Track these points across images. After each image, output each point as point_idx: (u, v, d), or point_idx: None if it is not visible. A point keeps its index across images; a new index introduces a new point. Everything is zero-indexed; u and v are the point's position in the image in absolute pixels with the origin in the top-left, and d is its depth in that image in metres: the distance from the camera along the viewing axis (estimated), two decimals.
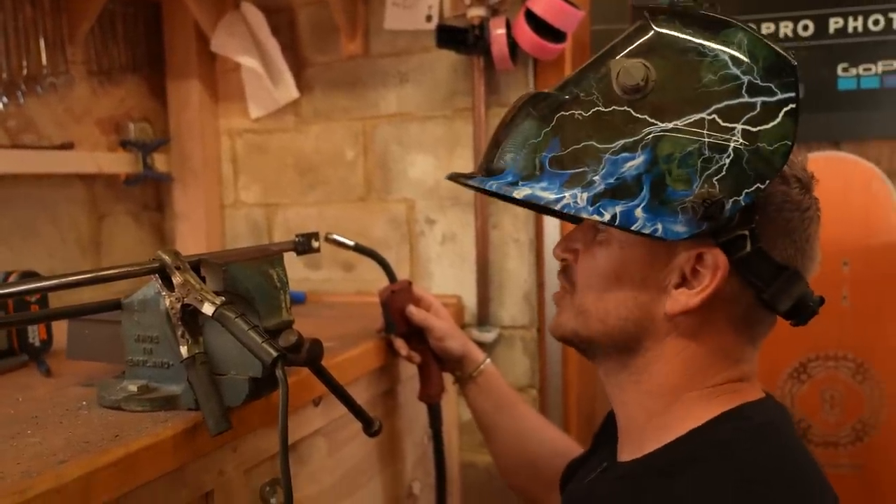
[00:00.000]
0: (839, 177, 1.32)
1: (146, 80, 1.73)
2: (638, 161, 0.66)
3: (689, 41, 0.68)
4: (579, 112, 0.70)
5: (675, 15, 0.70)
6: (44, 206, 1.51)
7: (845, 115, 1.37)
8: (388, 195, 1.64)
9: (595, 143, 0.68)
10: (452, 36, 1.42)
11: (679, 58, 0.68)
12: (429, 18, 1.52)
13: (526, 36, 1.37)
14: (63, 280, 0.69)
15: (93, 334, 0.90)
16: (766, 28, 1.39)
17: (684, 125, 0.66)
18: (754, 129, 0.65)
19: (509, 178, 0.72)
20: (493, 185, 0.72)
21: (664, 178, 0.65)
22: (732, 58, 0.67)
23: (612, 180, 0.67)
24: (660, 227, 0.65)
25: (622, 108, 0.68)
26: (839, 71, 1.36)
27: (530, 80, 1.49)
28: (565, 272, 0.81)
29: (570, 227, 1.40)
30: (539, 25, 1.36)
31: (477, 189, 0.76)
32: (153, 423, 0.74)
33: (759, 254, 0.68)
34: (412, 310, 1.11)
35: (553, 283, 1.50)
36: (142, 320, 0.80)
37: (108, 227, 1.66)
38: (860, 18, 1.34)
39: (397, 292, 1.11)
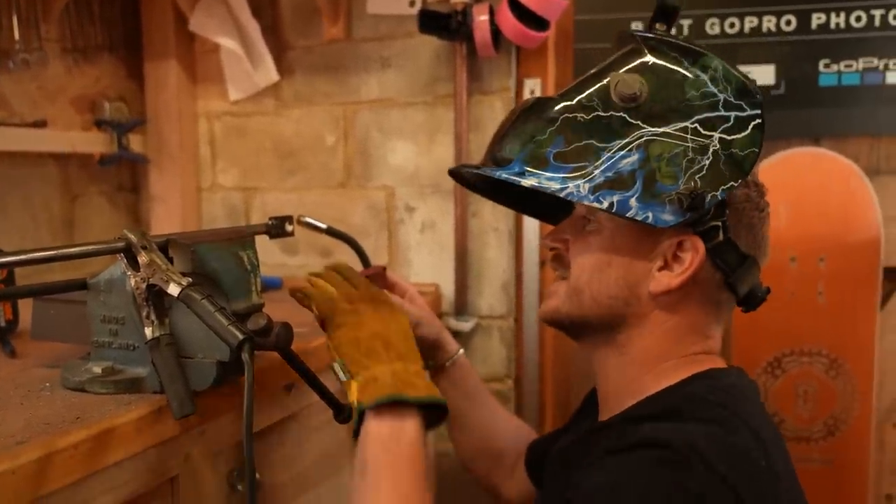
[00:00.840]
0: (818, 173, 1.32)
1: (123, 60, 1.69)
2: (633, 158, 0.77)
3: (676, 63, 0.81)
4: (581, 115, 0.80)
5: (662, 42, 0.82)
6: (15, 185, 1.48)
7: (826, 112, 1.37)
8: (367, 182, 1.63)
9: (595, 142, 0.78)
10: (435, 21, 1.41)
11: (668, 75, 0.80)
12: (412, 3, 1.50)
13: (509, 23, 1.36)
14: (25, 256, 0.67)
15: (58, 314, 0.88)
16: (750, 22, 1.38)
17: (672, 130, 0.78)
18: (729, 138, 0.78)
19: (516, 169, 0.80)
20: (501, 174, 0.81)
21: (655, 174, 0.76)
22: (712, 78, 0.80)
23: (610, 174, 0.77)
24: (650, 215, 0.76)
25: (619, 114, 0.79)
26: (821, 67, 1.36)
27: (513, 68, 1.48)
28: (558, 260, 0.88)
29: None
30: (522, 13, 1.35)
31: (486, 176, 0.84)
32: (116, 406, 0.72)
33: (728, 243, 0.79)
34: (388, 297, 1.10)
35: (532, 273, 1.50)
36: (108, 301, 0.78)
37: (81, 207, 1.63)
38: (843, 14, 1.34)
39: (370, 278, 1.09)
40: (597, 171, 0.77)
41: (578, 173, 0.78)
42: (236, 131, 1.73)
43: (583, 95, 0.81)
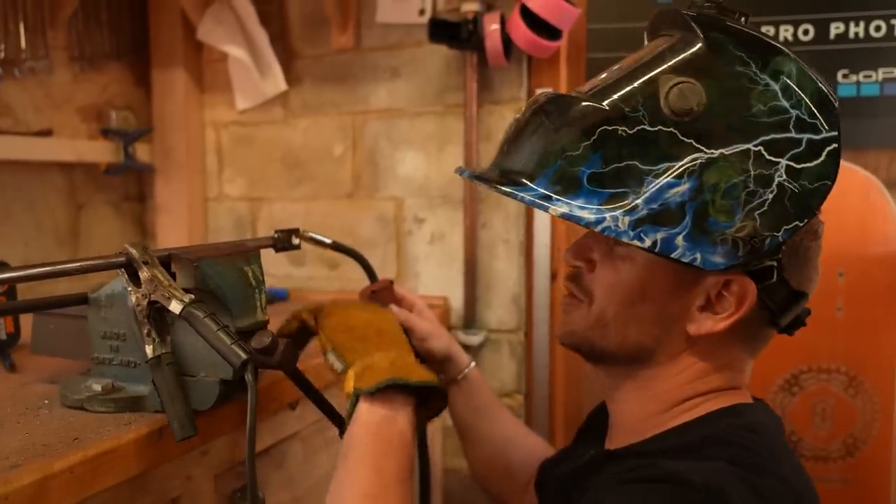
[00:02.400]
0: (836, 185, 1.29)
1: (130, 68, 1.68)
2: (683, 188, 0.65)
3: (743, 65, 0.67)
4: (623, 129, 0.66)
5: (727, 32, 0.68)
6: (20, 194, 1.47)
7: (844, 123, 1.33)
8: (376, 192, 1.60)
9: (638, 164, 0.65)
10: (445, 30, 1.39)
11: (730, 82, 0.67)
12: (422, 12, 1.48)
13: (521, 32, 1.34)
14: (23, 273, 0.65)
15: (58, 329, 0.86)
16: (766, 31, 1.36)
17: (730, 154, 0.65)
18: (798, 166, 0.65)
19: (541, 190, 0.68)
20: (525, 196, 0.68)
21: (707, 207, 0.65)
22: (784, 89, 0.66)
23: (655, 206, 0.65)
24: (699, 256, 0.65)
25: (668, 130, 0.65)
26: (839, 77, 1.33)
27: (524, 78, 1.46)
28: (576, 280, 0.77)
29: (560, 224, 1.36)
30: (534, 22, 1.32)
31: (507, 195, 0.69)
32: (116, 426, 0.70)
33: (782, 282, 0.69)
34: (394, 309, 1.07)
35: (543, 285, 1.47)
36: (108, 316, 0.76)
37: (86, 216, 1.62)
38: (861, 24, 1.31)
39: (378, 292, 1.07)
40: (639, 201, 0.65)
41: (618, 203, 0.65)
42: (243, 141, 1.71)
43: (624, 99, 0.67)
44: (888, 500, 1.28)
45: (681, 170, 0.65)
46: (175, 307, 0.66)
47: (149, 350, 0.69)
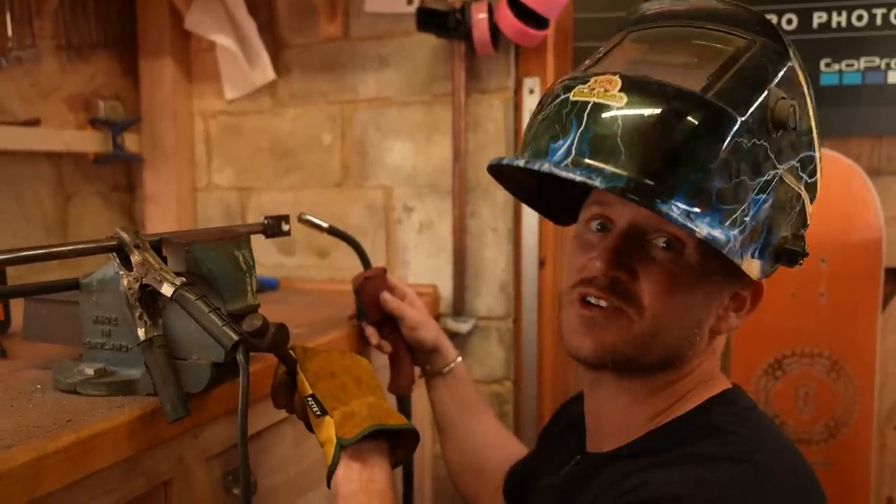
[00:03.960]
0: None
1: (117, 58, 1.67)
2: (768, 203, 0.65)
3: (807, 82, 0.69)
4: (745, 139, 0.63)
5: (791, 45, 0.69)
6: (8, 184, 1.46)
7: (827, 111, 1.34)
8: (365, 181, 1.61)
9: (747, 180, 0.63)
10: (433, 19, 1.40)
11: (802, 99, 0.68)
12: (410, 1, 1.49)
13: (508, 21, 1.34)
14: (14, 255, 0.66)
15: (50, 315, 0.86)
16: None
17: (787, 169, 0.66)
18: (810, 181, 0.69)
19: (682, 206, 0.62)
20: (676, 216, 0.61)
21: (773, 221, 0.66)
22: (813, 108, 0.70)
23: (754, 222, 0.64)
24: (759, 267, 0.68)
25: (764, 143, 0.64)
26: (822, 66, 1.35)
27: (511, 67, 1.47)
28: (617, 291, 0.70)
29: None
30: (521, 11, 1.33)
31: (659, 214, 0.62)
32: (108, 409, 0.71)
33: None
34: (386, 297, 1.08)
35: (531, 273, 1.49)
36: (100, 301, 0.77)
37: (75, 207, 1.62)
38: (844, 13, 1.33)
39: (371, 279, 1.08)
40: (747, 219, 0.63)
41: (730, 220, 0.63)
42: (232, 130, 1.71)
43: (747, 111, 0.63)
44: (868, 480, 1.31)
45: (768, 185, 0.65)
46: (167, 290, 0.67)
47: (141, 333, 0.70)
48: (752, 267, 0.66)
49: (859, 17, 1.32)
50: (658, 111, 0.63)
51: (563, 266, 0.79)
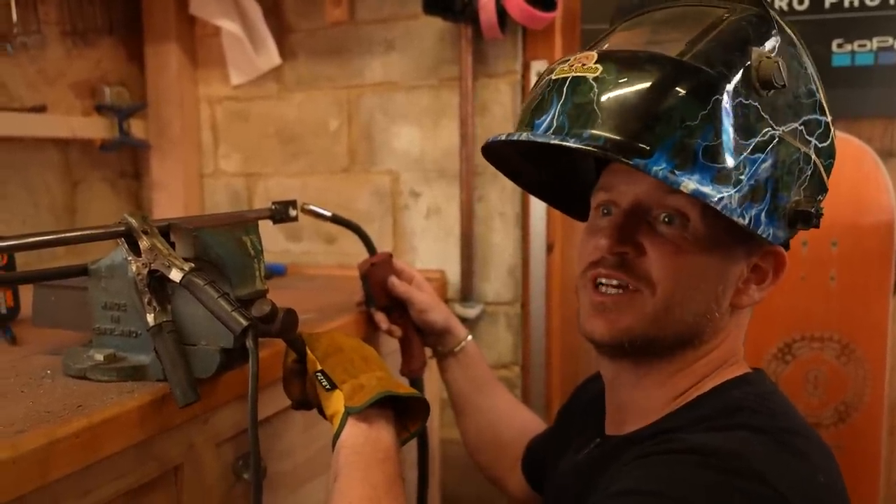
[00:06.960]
0: None
1: (123, 43, 1.67)
2: (767, 164, 0.65)
3: (801, 45, 0.71)
4: (726, 97, 0.63)
5: (778, 11, 0.71)
6: (15, 171, 1.46)
7: (839, 93, 1.34)
8: (372, 166, 1.61)
9: (739, 139, 0.64)
10: (440, 2, 1.38)
11: (792, 62, 0.69)
12: None
13: (515, 4, 1.33)
14: (23, 241, 0.66)
15: (59, 301, 0.86)
16: None
17: (788, 131, 0.67)
18: (821, 145, 0.70)
19: (664, 164, 0.62)
20: (658, 170, 0.62)
21: (778, 182, 0.66)
22: (815, 73, 0.71)
23: (752, 181, 0.65)
24: (771, 231, 0.67)
25: (754, 103, 0.65)
26: (834, 47, 1.33)
27: (519, 50, 1.46)
28: (626, 268, 0.71)
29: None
30: None
31: (638, 169, 0.62)
32: (119, 394, 0.71)
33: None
34: (394, 282, 1.08)
35: (539, 258, 1.48)
36: (109, 287, 0.77)
37: (82, 193, 1.62)
38: None
39: (377, 265, 1.08)
40: (743, 177, 0.63)
41: (725, 177, 0.63)
42: (238, 116, 1.71)
43: (729, 70, 0.64)
44: (878, 465, 1.31)
45: (765, 145, 0.65)
46: (175, 275, 0.67)
47: (150, 318, 0.70)
48: (762, 230, 0.66)
49: None
50: (632, 74, 0.64)
51: (576, 255, 0.80)
